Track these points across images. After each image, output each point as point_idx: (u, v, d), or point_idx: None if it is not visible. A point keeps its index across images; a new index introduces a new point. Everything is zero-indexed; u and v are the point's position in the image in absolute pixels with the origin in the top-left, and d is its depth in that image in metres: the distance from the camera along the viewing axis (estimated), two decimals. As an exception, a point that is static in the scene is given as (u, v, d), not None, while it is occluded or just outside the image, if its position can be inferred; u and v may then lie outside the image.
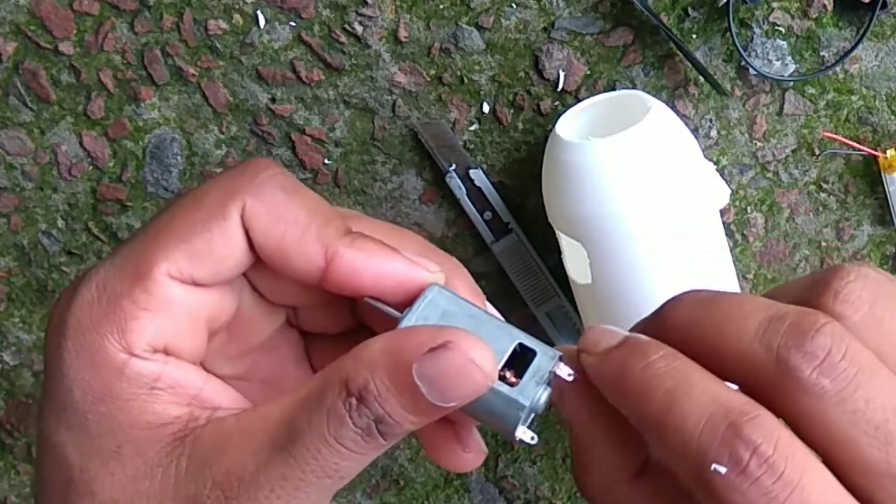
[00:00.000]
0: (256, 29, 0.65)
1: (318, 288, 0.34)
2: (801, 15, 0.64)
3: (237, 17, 0.65)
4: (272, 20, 0.65)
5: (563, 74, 0.65)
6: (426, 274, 0.34)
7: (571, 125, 0.61)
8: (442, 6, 0.64)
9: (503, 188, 0.67)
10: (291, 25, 0.65)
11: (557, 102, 0.66)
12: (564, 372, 0.32)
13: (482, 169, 0.67)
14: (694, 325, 0.31)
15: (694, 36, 0.65)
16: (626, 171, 0.56)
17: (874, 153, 0.66)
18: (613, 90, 0.65)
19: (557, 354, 0.32)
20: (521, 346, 0.32)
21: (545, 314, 0.68)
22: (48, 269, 0.71)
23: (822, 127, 0.66)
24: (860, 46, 0.64)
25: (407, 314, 0.33)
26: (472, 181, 0.67)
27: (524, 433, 0.32)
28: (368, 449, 0.30)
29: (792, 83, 0.65)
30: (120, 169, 0.68)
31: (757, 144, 0.67)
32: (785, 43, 0.65)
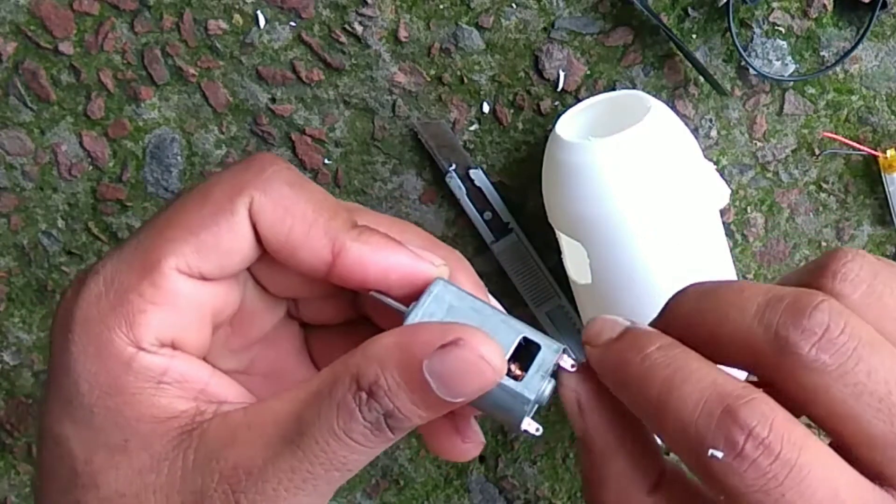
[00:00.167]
0: (256, 29, 0.65)
1: (321, 280, 0.34)
2: (801, 15, 0.64)
3: (237, 17, 0.65)
4: (272, 20, 0.65)
5: (563, 74, 0.65)
6: (431, 267, 0.34)
7: (571, 125, 0.61)
8: (442, 6, 0.64)
9: (503, 188, 0.68)
10: (291, 25, 0.65)
11: (557, 102, 0.66)
12: (567, 363, 0.33)
13: (482, 169, 0.67)
14: (697, 313, 0.31)
15: (694, 36, 0.65)
16: (626, 171, 0.56)
17: (874, 153, 0.66)
18: (613, 90, 0.65)
19: (561, 347, 0.32)
20: (525, 339, 0.33)
21: (545, 314, 0.68)
22: (48, 269, 0.70)
23: (822, 127, 0.66)
24: (860, 46, 0.64)
25: (413, 309, 0.33)
26: (472, 181, 0.67)
27: (529, 424, 0.32)
28: (377, 442, 0.31)
29: (792, 83, 0.66)
30: (120, 169, 0.68)
31: (757, 144, 0.67)
32: (785, 43, 0.65)
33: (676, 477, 0.33)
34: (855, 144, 0.66)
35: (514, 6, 0.64)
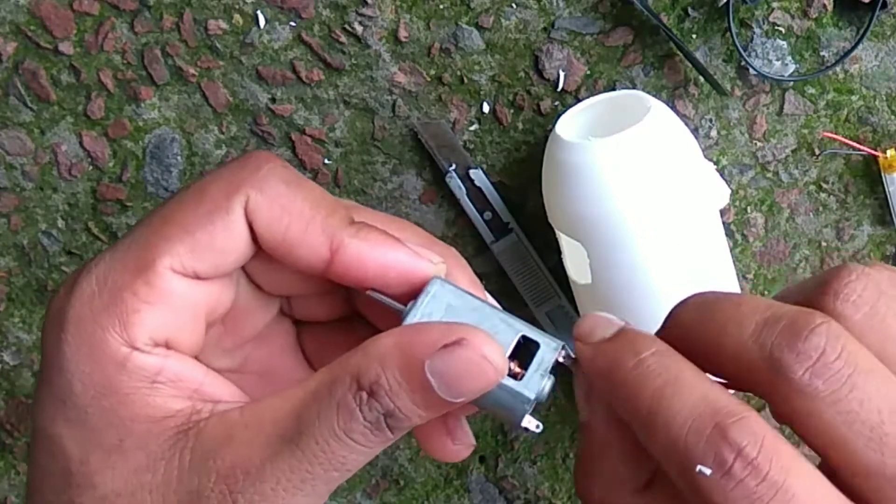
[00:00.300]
0: (256, 29, 0.65)
1: (315, 277, 0.34)
2: (801, 15, 0.64)
3: (237, 17, 0.65)
4: (272, 20, 0.65)
5: (563, 74, 0.65)
6: (429, 265, 0.34)
7: (571, 125, 0.61)
8: (442, 6, 0.64)
9: (503, 188, 0.67)
10: (291, 25, 0.65)
11: (557, 102, 0.66)
12: (567, 361, 0.33)
13: (482, 169, 0.67)
14: (696, 325, 0.31)
15: (694, 36, 0.65)
16: (626, 171, 0.56)
17: (874, 153, 0.66)
18: (613, 90, 0.65)
19: (560, 345, 0.32)
20: (524, 337, 0.33)
21: (545, 314, 0.68)
22: (48, 269, 0.70)
23: (822, 127, 0.66)
24: (860, 46, 0.64)
25: (412, 308, 0.33)
26: (472, 181, 0.67)
27: (529, 422, 0.33)
28: (376, 442, 0.31)
29: (792, 83, 0.66)
30: (120, 169, 0.68)
31: (757, 144, 0.67)
32: (785, 43, 0.65)
33: (666, 480, 0.32)
34: (855, 144, 0.66)
35: (514, 6, 0.64)
